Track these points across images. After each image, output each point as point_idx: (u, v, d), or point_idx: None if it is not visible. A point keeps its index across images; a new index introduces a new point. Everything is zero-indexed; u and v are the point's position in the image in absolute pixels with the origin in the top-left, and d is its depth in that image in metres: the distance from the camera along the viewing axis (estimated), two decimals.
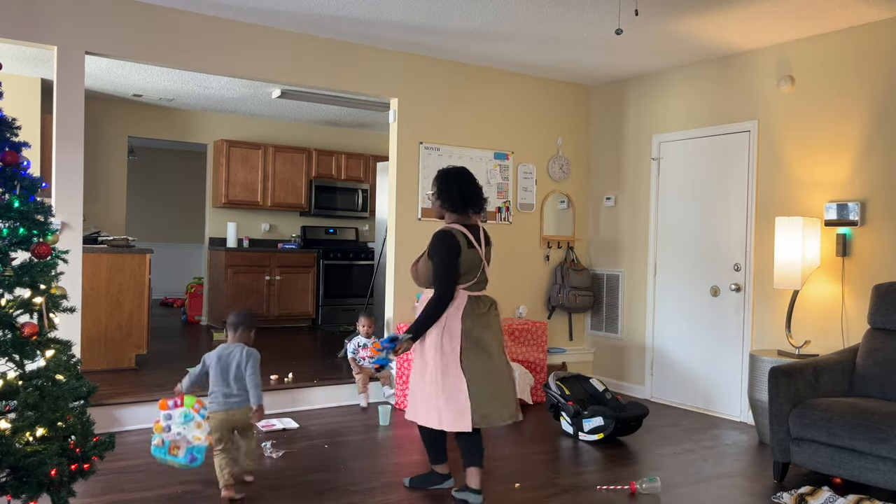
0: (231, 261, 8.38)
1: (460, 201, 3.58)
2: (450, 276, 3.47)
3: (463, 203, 3.58)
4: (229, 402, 3.61)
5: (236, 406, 3.61)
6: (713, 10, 4.58)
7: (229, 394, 3.62)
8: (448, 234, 3.49)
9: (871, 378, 4.10)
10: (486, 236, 3.68)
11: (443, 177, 3.62)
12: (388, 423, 4.99)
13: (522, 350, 5.73)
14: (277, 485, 3.73)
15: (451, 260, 3.46)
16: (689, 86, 5.90)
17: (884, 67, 4.66)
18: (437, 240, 3.50)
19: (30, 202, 2.62)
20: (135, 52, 4.76)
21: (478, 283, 3.61)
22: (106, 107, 8.33)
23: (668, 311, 6.02)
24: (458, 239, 3.49)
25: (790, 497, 3.66)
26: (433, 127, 5.91)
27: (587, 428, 4.68)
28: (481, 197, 3.64)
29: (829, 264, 4.89)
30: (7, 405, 2.53)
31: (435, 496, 3.63)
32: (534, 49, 5.59)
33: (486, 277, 3.66)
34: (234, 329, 3.77)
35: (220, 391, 3.63)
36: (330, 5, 4.71)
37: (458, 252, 3.48)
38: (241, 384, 3.63)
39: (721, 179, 5.62)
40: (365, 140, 9.99)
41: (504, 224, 6.28)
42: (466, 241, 3.52)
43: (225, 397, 3.61)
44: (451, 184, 3.58)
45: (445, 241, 3.47)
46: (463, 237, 3.52)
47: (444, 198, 3.60)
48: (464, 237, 3.52)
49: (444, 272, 3.46)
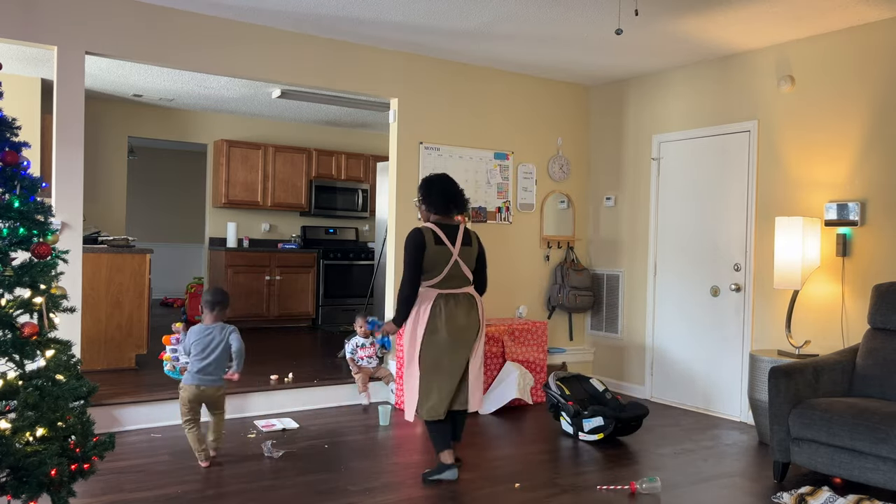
0: (231, 261, 8.38)
1: (442, 202, 3.85)
2: (411, 270, 3.74)
3: (445, 204, 3.85)
4: (202, 379, 3.95)
5: (209, 384, 3.95)
6: (713, 10, 4.58)
7: (203, 370, 3.95)
8: (416, 232, 3.76)
9: (871, 378, 4.10)
10: (466, 236, 3.85)
11: (425, 183, 3.92)
12: (388, 423, 4.99)
13: (522, 350, 5.73)
14: (277, 485, 3.73)
15: (415, 255, 3.73)
16: (689, 86, 5.90)
17: (884, 67, 4.66)
18: (406, 238, 3.78)
19: (30, 202, 2.62)
20: (135, 52, 4.76)
21: (447, 281, 3.78)
22: (106, 107, 8.33)
23: (668, 311, 6.02)
24: (425, 236, 3.74)
25: (790, 497, 3.66)
26: (433, 127, 5.91)
27: (587, 428, 4.68)
28: (462, 198, 3.90)
29: (829, 264, 4.89)
30: (7, 405, 2.53)
31: (436, 497, 3.63)
32: (534, 49, 5.59)
33: (461, 274, 3.82)
34: (210, 308, 4.07)
35: (195, 367, 3.96)
36: (330, 5, 4.71)
37: (423, 248, 3.73)
38: (217, 364, 3.96)
39: (721, 179, 5.62)
40: (365, 140, 9.99)
41: (504, 224, 6.28)
42: (434, 238, 3.74)
43: (198, 372, 3.95)
44: (433, 188, 3.87)
45: (413, 238, 3.75)
46: (431, 234, 3.74)
47: (428, 201, 3.88)
48: (432, 234, 3.75)
49: (406, 266, 3.76)
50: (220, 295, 4.13)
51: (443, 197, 3.84)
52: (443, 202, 3.84)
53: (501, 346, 5.61)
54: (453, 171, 5.96)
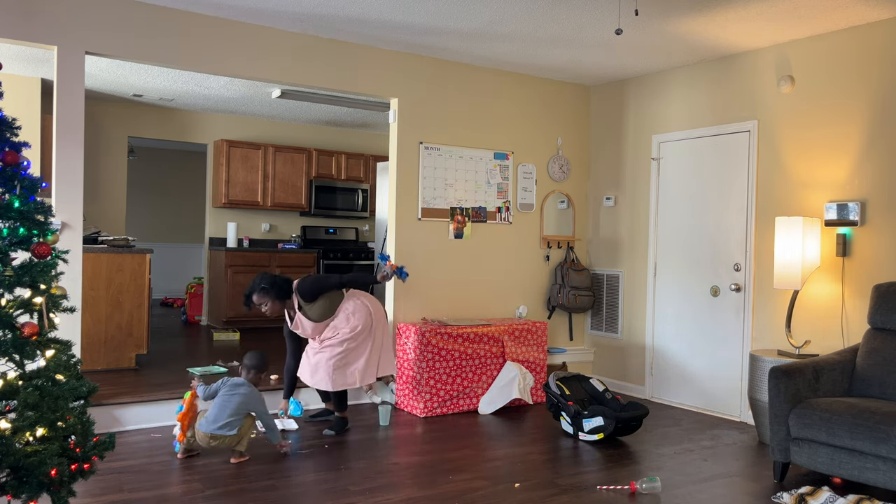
0: (231, 261, 8.38)
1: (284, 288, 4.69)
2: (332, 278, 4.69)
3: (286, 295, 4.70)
4: (217, 429, 3.99)
5: (222, 432, 3.99)
6: (713, 9, 4.58)
7: (219, 420, 4.00)
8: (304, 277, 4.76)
9: (870, 378, 4.10)
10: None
11: (261, 292, 4.65)
12: (388, 423, 5.00)
13: (522, 350, 5.73)
14: (277, 485, 3.73)
15: (325, 278, 4.69)
16: (689, 86, 5.90)
17: (884, 67, 4.66)
18: (308, 284, 4.64)
19: (30, 202, 2.62)
20: (135, 52, 4.76)
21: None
22: (106, 107, 8.34)
23: (668, 311, 6.02)
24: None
25: (790, 497, 3.66)
26: (433, 127, 5.91)
27: (587, 428, 4.69)
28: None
29: (829, 264, 4.89)
30: (7, 405, 2.53)
31: (436, 496, 3.63)
32: (534, 49, 5.59)
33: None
34: (247, 371, 4.25)
35: (213, 415, 4.03)
36: (330, 6, 4.71)
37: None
38: (234, 418, 4.02)
39: (721, 179, 5.62)
40: (365, 140, 9.99)
41: (504, 224, 6.28)
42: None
43: (214, 421, 4.00)
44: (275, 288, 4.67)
45: (308, 277, 4.72)
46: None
47: (276, 297, 4.65)
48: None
49: (332, 278, 4.71)
50: (256, 359, 4.30)
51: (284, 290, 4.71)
52: (286, 293, 4.72)
53: (501, 346, 5.62)
54: (453, 171, 5.97)
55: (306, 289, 4.65)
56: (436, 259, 5.90)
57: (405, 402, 5.43)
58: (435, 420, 5.19)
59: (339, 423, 4.78)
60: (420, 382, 5.26)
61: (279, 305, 4.66)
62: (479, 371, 5.51)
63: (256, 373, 4.26)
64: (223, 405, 4.04)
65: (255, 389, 4.17)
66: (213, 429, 3.98)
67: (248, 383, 4.17)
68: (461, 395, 5.43)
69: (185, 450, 4.12)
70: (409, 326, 5.38)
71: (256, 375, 4.26)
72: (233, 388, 4.11)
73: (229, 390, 4.10)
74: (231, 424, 4.01)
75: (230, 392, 4.09)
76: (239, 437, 4.05)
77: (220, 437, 3.99)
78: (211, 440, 3.99)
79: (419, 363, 5.25)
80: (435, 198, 5.88)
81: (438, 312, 5.91)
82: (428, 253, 5.86)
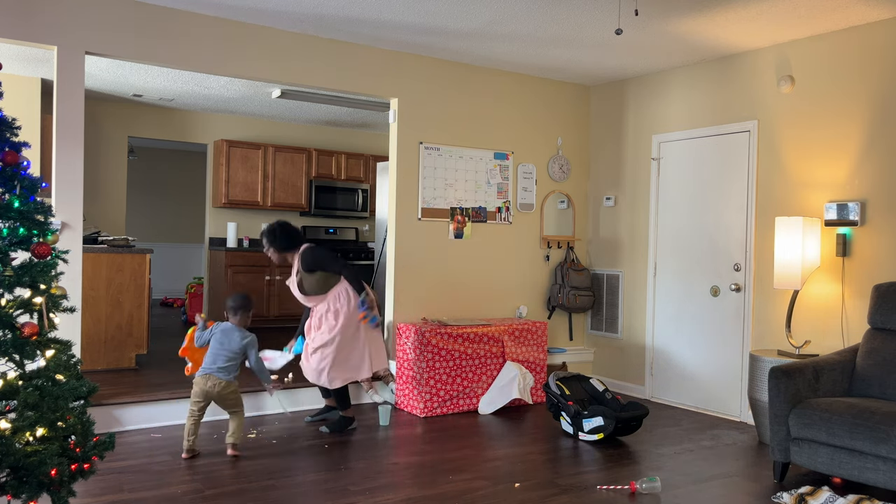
0: (231, 261, 8.38)
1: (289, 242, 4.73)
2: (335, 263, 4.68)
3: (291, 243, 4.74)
4: (213, 370, 4.16)
5: (219, 375, 4.15)
6: (713, 9, 4.58)
7: (215, 363, 4.18)
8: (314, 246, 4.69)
9: (870, 378, 4.10)
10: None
11: (267, 234, 4.72)
12: (387, 423, 5.00)
13: (522, 350, 5.73)
14: (277, 485, 3.73)
15: (330, 259, 4.66)
16: (689, 86, 5.90)
17: (884, 67, 4.66)
18: (311, 254, 4.66)
19: (30, 202, 2.62)
20: (135, 52, 4.76)
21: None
22: (106, 107, 8.33)
23: (668, 311, 6.02)
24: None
25: (790, 497, 3.66)
26: (433, 127, 5.91)
27: (587, 428, 4.69)
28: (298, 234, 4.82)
29: (829, 264, 4.89)
30: (7, 405, 2.53)
31: (436, 497, 3.63)
32: (534, 49, 5.59)
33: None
34: (234, 313, 4.32)
35: (210, 360, 4.20)
36: (331, 5, 4.71)
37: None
38: (229, 361, 4.19)
39: (721, 179, 5.62)
40: (365, 140, 9.99)
41: (504, 224, 6.28)
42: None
43: (212, 364, 4.18)
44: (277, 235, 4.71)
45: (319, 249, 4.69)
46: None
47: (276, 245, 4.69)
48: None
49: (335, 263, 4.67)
50: (240, 300, 4.36)
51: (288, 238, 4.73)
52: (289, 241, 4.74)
53: (501, 346, 5.62)
54: (453, 170, 5.97)
55: (308, 258, 4.70)
56: (436, 259, 5.90)
57: (405, 402, 5.43)
58: (435, 420, 5.19)
59: (338, 422, 4.78)
60: (420, 382, 5.26)
61: (277, 255, 4.77)
62: (479, 371, 5.51)
63: (244, 313, 4.33)
64: (217, 351, 4.20)
65: (245, 332, 4.28)
66: (211, 370, 4.15)
67: (237, 327, 4.28)
68: (461, 395, 5.43)
69: (189, 450, 4.14)
70: (408, 326, 5.38)
71: (244, 316, 4.33)
72: (224, 333, 4.25)
73: (221, 336, 4.24)
74: (227, 370, 4.17)
75: (222, 338, 4.23)
76: (234, 390, 4.21)
77: (216, 380, 4.14)
78: (208, 381, 4.14)
79: (419, 363, 5.25)
80: (435, 198, 5.88)
81: (438, 312, 5.91)
82: (428, 253, 5.86)
